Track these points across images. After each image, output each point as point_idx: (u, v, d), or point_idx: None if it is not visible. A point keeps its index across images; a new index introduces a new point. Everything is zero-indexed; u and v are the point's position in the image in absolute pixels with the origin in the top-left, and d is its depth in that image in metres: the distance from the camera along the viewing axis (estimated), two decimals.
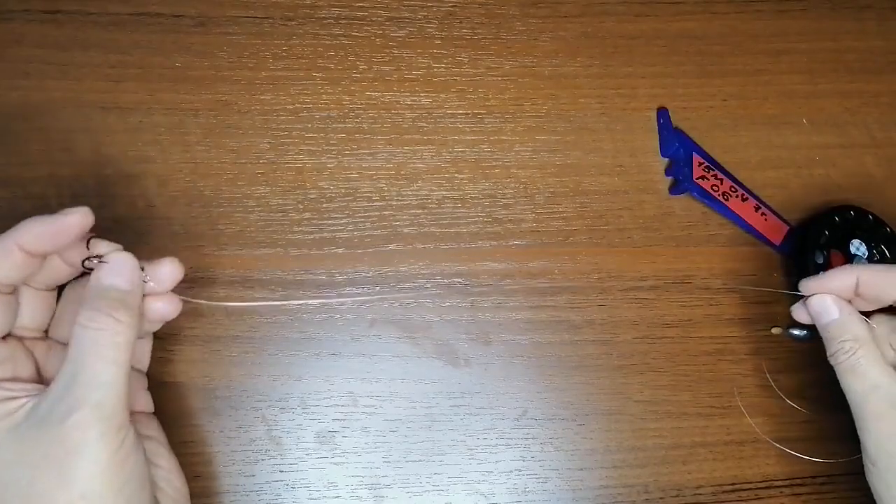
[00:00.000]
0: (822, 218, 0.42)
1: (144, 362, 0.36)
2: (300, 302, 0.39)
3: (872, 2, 0.48)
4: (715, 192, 0.43)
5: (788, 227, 0.43)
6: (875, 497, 0.34)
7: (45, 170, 0.40)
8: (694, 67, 0.45)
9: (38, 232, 0.29)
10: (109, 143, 0.40)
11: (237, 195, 0.41)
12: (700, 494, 0.40)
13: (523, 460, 0.39)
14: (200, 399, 0.38)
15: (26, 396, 0.28)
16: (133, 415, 0.32)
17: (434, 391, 0.39)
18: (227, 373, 0.38)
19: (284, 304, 0.39)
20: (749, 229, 0.43)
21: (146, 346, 0.36)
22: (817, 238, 0.42)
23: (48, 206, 0.39)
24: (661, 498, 0.40)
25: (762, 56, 0.46)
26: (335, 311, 0.40)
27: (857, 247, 0.42)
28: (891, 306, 0.35)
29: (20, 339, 0.32)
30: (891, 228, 0.42)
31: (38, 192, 0.39)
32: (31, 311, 0.32)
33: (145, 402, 0.35)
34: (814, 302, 0.36)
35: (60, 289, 0.34)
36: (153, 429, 0.34)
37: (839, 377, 0.35)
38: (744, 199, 0.43)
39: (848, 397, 0.34)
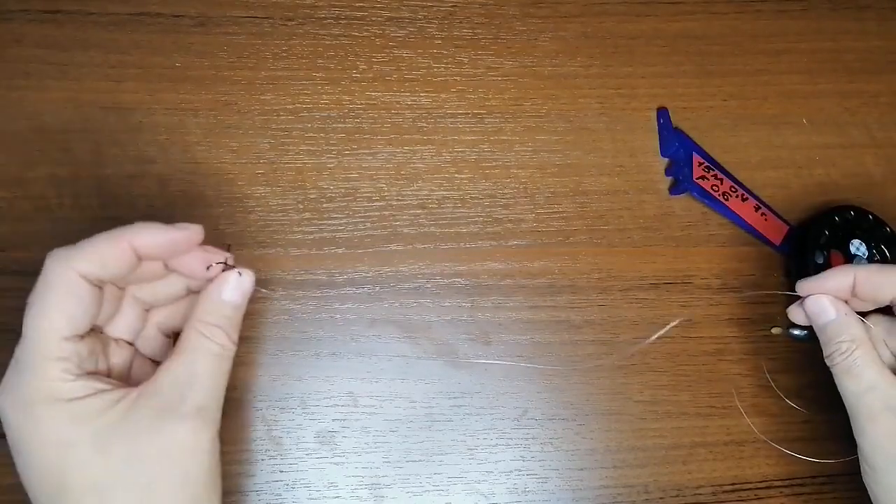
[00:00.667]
0: (822, 218, 0.42)
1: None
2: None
3: (872, 2, 0.48)
4: (715, 192, 0.43)
5: (788, 227, 0.43)
6: (872, 499, 0.34)
7: (45, 170, 0.40)
8: (694, 67, 0.45)
9: (156, 236, 0.30)
10: (109, 143, 0.40)
11: (237, 195, 0.41)
12: (700, 494, 0.40)
13: (523, 460, 0.39)
14: None
15: (118, 388, 0.29)
16: None
17: (434, 391, 0.39)
18: None
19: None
20: (749, 229, 0.43)
21: None
22: (817, 238, 0.42)
23: (48, 206, 0.39)
24: (661, 498, 0.40)
25: (762, 56, 0.46)
26: (335, 311, 0.40)
27: (857, 247, 0.42)
28: (888, 306, 0.35)
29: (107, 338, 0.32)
30: (891, 228, 0.42)
31: (38, 192, 0.39)
32: (126, 318, 0.33)
33: None
34: (810, 303, 0.35)
35: None
36: None
37: (835, 378, 0.35)
38: (744, 199, 0.43)
39: (844, 398, 0.34)
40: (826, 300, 0.35)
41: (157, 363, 0.34)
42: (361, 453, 0.38)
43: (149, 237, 0.30)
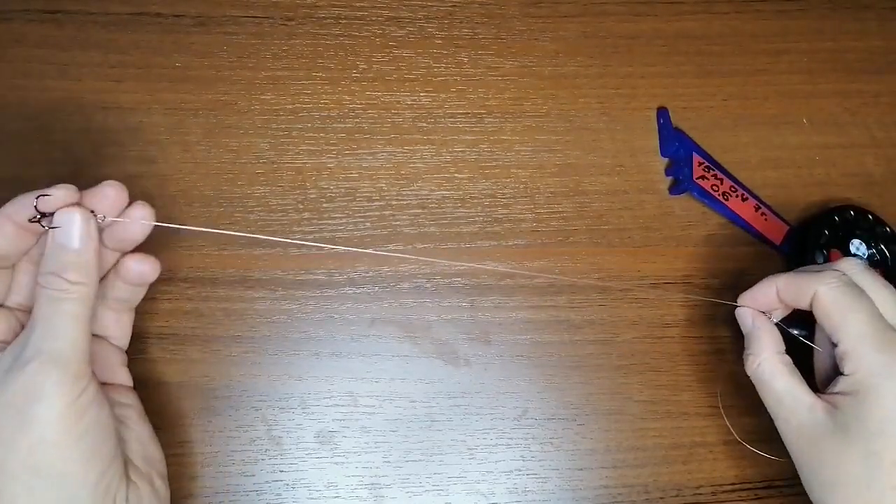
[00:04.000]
0: (822, 218, 0.42)
1: (124, 338, 0.35)
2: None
3: (872, 2, 0.48)
4: (715, 192, 0.43)
5: (788, 227, 0.43)
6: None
7: (45, 170, 0.40)
8: (694, 67, 0.45)
9: (26, 203, 0.30)
10: (109, 143, 0.40)
11: (237, 195, 0.41)
12: (700, 494, 0.40)
13: (523, 460, 0.39)
14: (200, 399, 0.38)
15: None
16: (111, 386, 0.34)
17: (434, 391, 0.39)
18: (227, 373, 0.38)
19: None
20: (749, 229, 0.43)
21: (126, 321, 0.35)
22: (817, 238, 0.42)
23: None
24: (661, 498, 0.39)
25: (762, 56, 0.46)
26: (335, 311, 0.40)
27: (857, 247, 0.42)
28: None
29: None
30: (891, 228, 0.42)
31: None
32: (24, 288, 0.33)
33: (124, 377, 0.35)
34: (737, 314, 0.37)
35: None
36: (130, 398, 0.34)
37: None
38: (744, 199, 0.43)
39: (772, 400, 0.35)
40: (744, 312, 0.37)
41: None
42: (361, 453, 0.38)
43: (24, 207, 0.30)
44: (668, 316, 0.42)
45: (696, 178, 0.43)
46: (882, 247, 0.42)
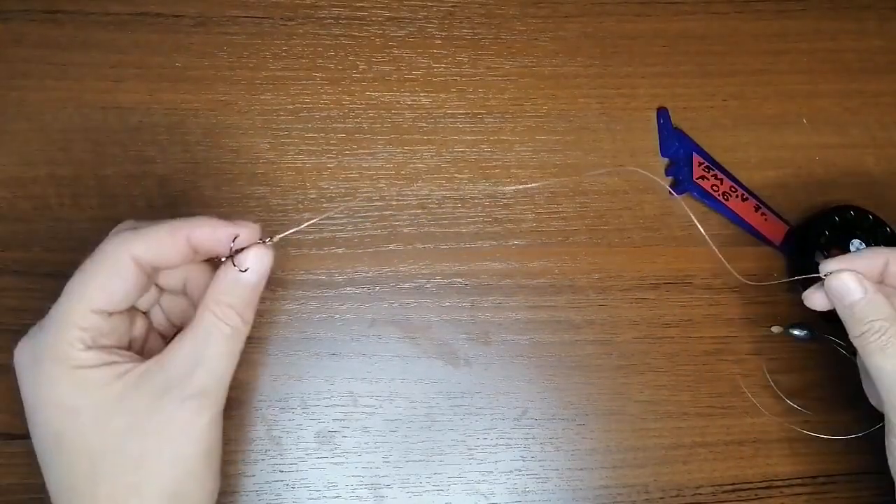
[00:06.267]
0: (822, 218, 0.42)
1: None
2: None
3: (872, 2, 0.48)
4: (715, 192, 0.43)
5: (788, 227, 0.43)
6: (892, 471, 0.34)
7: (45, 170, 0.40)
8: (694, 67, 0.45)
9: (215, 231, 0.30)
10: (109, 143, 0.40)
11: (237, 195, 0.41)
12: (700, 494, 0.40)
13: (523, 460, 0.39)
14: None
15: (127, 362, 0.29)
16: None
17: (434, 391, 0.39)
18: None
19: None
20: (749, 229, 0.43)
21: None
22: (817, 238, 0.42)
23: (48, 205, 0.39)
24: (661, 498, 0.40)
25: (762, 56, 0.46)
26: (335, 311, 0.40)
27: (857, 247, 0.42)
28: None
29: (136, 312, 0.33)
30: (891, 228, 0.42)
31: (38, 192, 0.39)
32: (150, 293, 0.33)
33: None
34: (834, 282, 0.33)
35: None
36: None
37: (865, 357, 0.33)
38: (744, 199, 0.43)
39: (874, 376, 0.33)
40: (853, 278, 0.33)
41: (164, 338, 0.34)
42: (361, 453, 0.38)
43: (208, 232, 0.30)
44: (668, 316, 0.42)
45: (696, 178, 0.43)
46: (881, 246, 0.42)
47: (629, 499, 0.39)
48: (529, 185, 0.42)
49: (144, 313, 0.33)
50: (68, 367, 0.28)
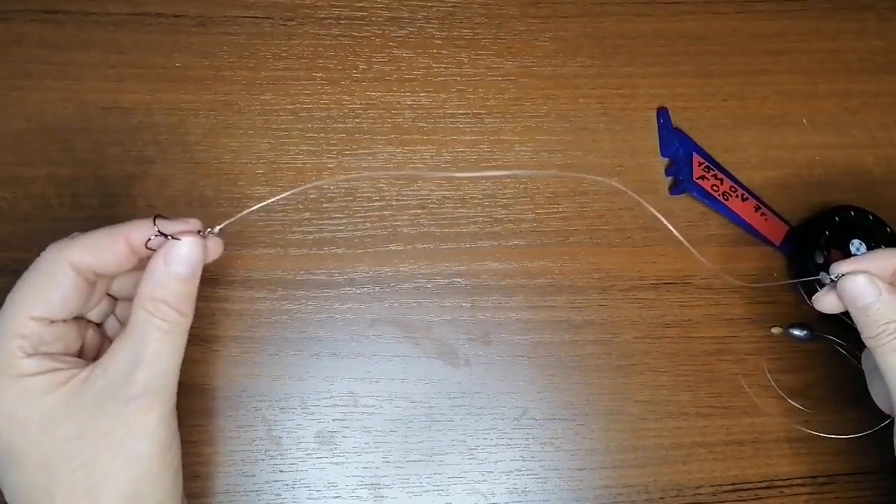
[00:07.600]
0: (822, 218, 0.42)
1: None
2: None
3: (872, 2, 0.48)
4: (715, 192, 0.43)
5: (788, 227, 0.43)
6: None
7: (45, 170, 0.40)
8: (694, 67, 0.45)
9: (144, 226, 0.29)
10: (109, 143, 0.40)
11: (237, 195, 0.41)
12: (700, 494, 0.40)
13: (523, 460, 0.39)
14: (200, 399, 0.38)
15: (70, 368, 0.29)
16: None
17: (434, 391, 0.39)
18: (227, 373, 0.38)
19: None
20: (749, 229, 0.43)
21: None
22: (817, 238, 0.42)
23: (48, 205, 0.39)
24: (661, 498, 0.39)
25: (762, 56, 0.46)
26: (335, 311, 0.40)
27: (857, 247, 0.42)
28: None
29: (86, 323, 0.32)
30: (891, 228, 0.42)
31: (38, 192, 0.39)
32: (102, 304, 0.33)
33: None
34: (848, 283, 0.33)
35: None
36: None
37: (879, 358, 0.33)
38: (744, 199, 0.43)
39: (888, 377, 0.33)
40: (867, 280, 0.32)
41: None
42: (361, 453, 0.38)
43: (146, 232, 0.29)
44: (668, 316, 0.42)
45: (696, 178, 0.43)
46: (882, 247, 0.42)
47: (629, 499, 0.39)
48: (487, 174, 0.42)
49: (99, 325, 0.33)
50: (11, 376, 0.28)
